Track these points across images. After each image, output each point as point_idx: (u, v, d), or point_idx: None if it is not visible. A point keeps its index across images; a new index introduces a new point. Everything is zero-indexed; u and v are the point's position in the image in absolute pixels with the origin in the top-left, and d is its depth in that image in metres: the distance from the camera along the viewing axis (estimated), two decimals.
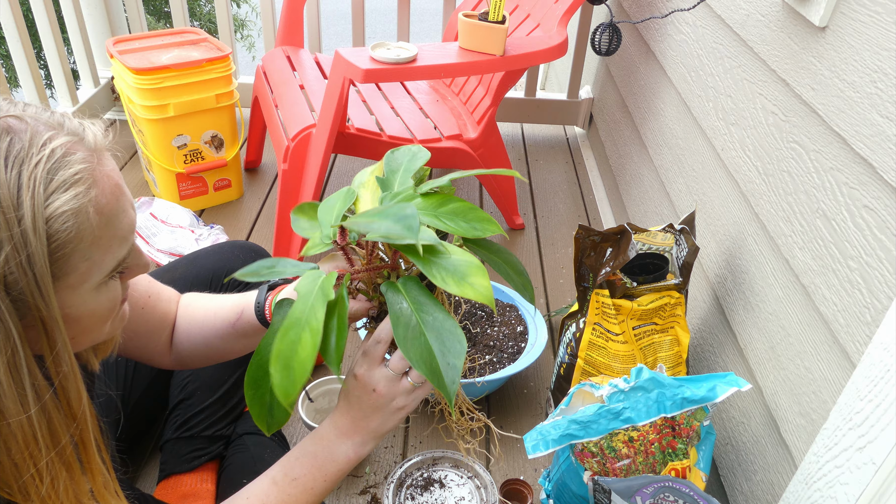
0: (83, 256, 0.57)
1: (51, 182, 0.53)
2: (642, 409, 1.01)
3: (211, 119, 1.86)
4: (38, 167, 0.53)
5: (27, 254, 0.52)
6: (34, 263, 0.52)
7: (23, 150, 0.53)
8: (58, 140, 0.55)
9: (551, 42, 1.60)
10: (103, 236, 0.58)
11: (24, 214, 0.51)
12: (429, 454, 1.23)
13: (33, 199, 0.52)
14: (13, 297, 0.53)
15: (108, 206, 0.58)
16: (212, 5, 7.47)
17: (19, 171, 0.52)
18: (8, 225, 0.51)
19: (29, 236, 0.52)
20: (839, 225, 0.91)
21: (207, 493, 1.13)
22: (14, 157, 0.52)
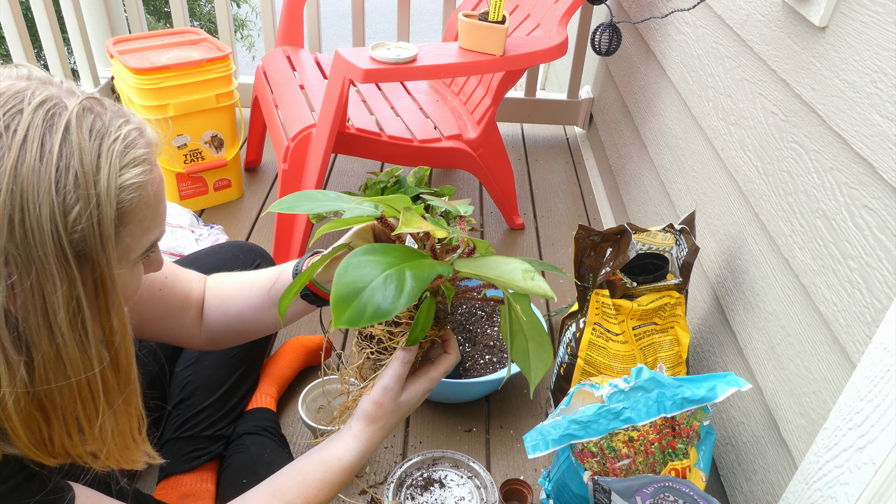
0: (132, 231, 0.63)
1: (125, 155, 0.61)
2: (642, 409, 1.01)
3: (211, 119, 1.86)
4: (116, 142, 0.60)
5: (99, 214, 0.58)
6: (103, 223, 0.59)
7: (103, 126, 0.60)
8: (130, 125, 0.63)
9: (551, 42, 1.60)
10: (148, 216, 0.65)
11: (100, 179, 0.58)
12: (429, 454, 1.23)
13: (110, 168, 0.59)
14: (77, 253, 0.58)
15: (158, 190, 0.66)
16: (212, 5, 7.47)
17: (100, 143, 0.59)
18: (86, 185, 0.57)
19: (102, 198, 0.58)
20: (839, 225, 0.91)
21: (207, 492, 1.13)
22: (97, 132, 0.59)
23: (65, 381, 0.60)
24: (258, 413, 1.26)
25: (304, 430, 1.33)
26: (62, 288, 0.57)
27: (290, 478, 0.81)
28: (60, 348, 0.59)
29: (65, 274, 0.57)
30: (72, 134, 0.57)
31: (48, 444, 0.63)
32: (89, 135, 0.59)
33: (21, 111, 0.56)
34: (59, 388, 0.60)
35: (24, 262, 0.55)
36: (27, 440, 0.61)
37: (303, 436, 1.32)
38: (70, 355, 0.60)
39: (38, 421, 0.61)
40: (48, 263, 0.56)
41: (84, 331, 0.60)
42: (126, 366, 0.67)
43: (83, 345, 0.60)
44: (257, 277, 0.98)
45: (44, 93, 0.58)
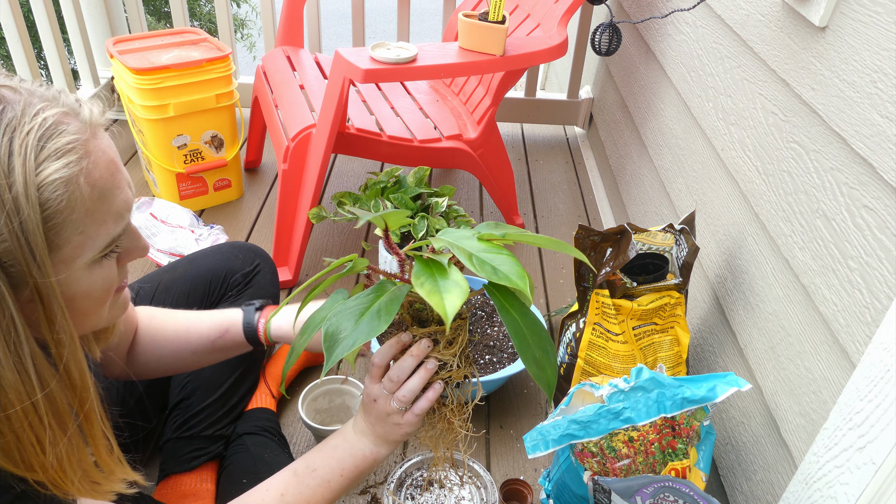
0: (76, 229, 0.57)
1: (42, 149, 0.53)
2: (642, 409, 1.01)
3: (211, 119, 1.86)
4: (29, 135, 0.53)
5: (19, 220, 0.51)
6: (27, 230, 0.52)
7: (15, 118, 0.53)
8: (51, 110, 0.55)
9: (551, 42, 1.60)
10: (97, 210, 0.58)
11: (15, 181, 0.51)
12: (429, 454, 1.23)
13: (24, 166, 0.52)
14: (5, 267, 0.53)
15: (101, 179, 0.58)
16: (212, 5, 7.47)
17: (11, 138, 0.52)
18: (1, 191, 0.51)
19: (21, 202, 0.51)
20: (839, 225, 0.91)
21: (207, 493, 1.13)
22: (6, 125, 0.52)
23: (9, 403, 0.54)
24: (258, 413, 1.26)
25: (304, 430, 1.33)
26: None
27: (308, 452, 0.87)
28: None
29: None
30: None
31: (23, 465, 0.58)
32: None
33: None
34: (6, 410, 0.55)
35: None
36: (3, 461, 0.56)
37: (303, 436, 1.32)
38: (9, 378, 0.54)
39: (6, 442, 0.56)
40: None
41: (20, 352, 0.54)
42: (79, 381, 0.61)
43: (22, 366, 0.55)
44: (198, 323, 0.94)
45: None
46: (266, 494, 0.82)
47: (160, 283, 1.19)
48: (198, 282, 1.20)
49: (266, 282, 1.26)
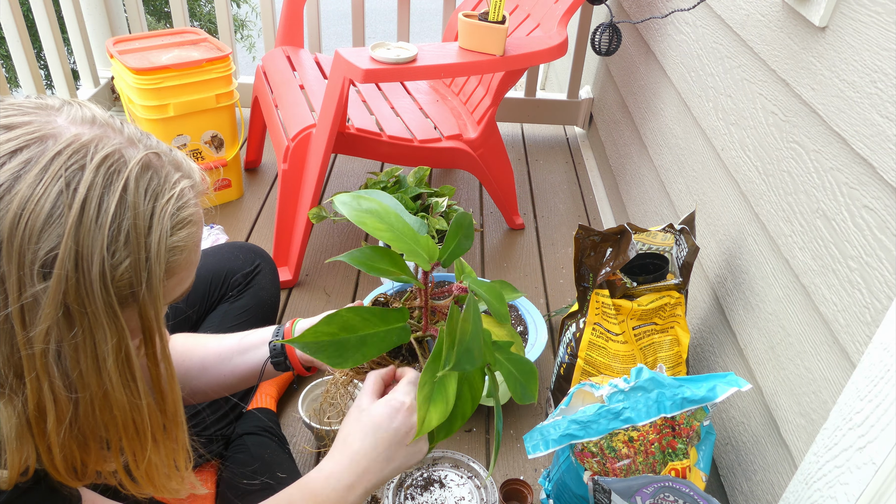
0: (172, 284, 0.65)
1: (176, 217, 0.62)
2: (642, 409, 1.01)
3: (211, 119, 1.86)
4: (168, 203, 0.61)
5: (147, 273, 0.60)
6: (151, 282, 0.60)
7: (158, 185, 0.61)
8: (183, 183, 0.64)
9: (551, 42, 1.60)
10: (190, 269, 0.67)
11: (152, 241, 0.60)
12: (428, 454, 1.23)
13: (161, 231, 0.60)
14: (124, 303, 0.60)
15: (198, 244, 0.67)
16: (212, 5, 7.47)
17: (154, 203, 0.60)
18: (137, 246, 0.59)
19: (152, 257, 0.60)
20: (839, 225, 0.91)
21: (207, 492, 1.13)
22: (152, 191, 0.61)
23: (111, 418, 0.62)
24: (258, 413, 1.26)
25: (304, 430, 1.33)
26: (112, 339, 0.59)
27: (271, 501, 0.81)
28: (108, 392, 0.61)
29: (114, 326, 0.59)
30: (129, 195, 0.58)
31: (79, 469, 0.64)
32: (144, 194, 0.60)
33: (83, 167, 0.56)
34: (106, 424, 0.62)
35: (78, 313, 0.57)
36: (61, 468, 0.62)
37: (303, 436, 1.32)
38: (117, 398, 0.61)
39: (75, 451, 0.62)
40: (98, 315, 0.58)
41: (132, 376, 0.62)
42: (172, 408, 0.69)
43: (130, 388, 0.62)
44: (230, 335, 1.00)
45: (107, 147, 0.58)
46: None
47: None
48: (198, 282, 1.20)
49: (266, 282, 1.26)
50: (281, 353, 0.94)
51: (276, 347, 0.94)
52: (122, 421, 0.63)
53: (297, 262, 1.67)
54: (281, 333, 0.95)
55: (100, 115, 0.61)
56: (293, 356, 0.95)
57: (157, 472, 0.68)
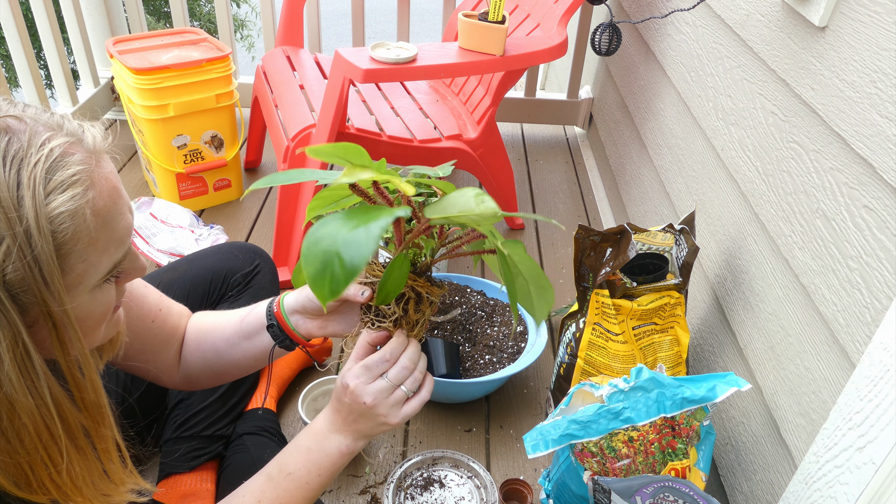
0: (80, 258, 0.57)
1: (49, 181, 0.54)
2: (642, 409, 1.01)
3: (211, 119, 1.86)
4: (36, 167, 0.53)
5: (32, 252, 0.52)
6: (40, 261, 0.53)
7: (21, 149, 0.53)
8: (56, 140, 0.55)
9: (551, 42, 1.60)
10: (100, 238, 0.58)
11: (25, 214, 0.52)
12: (429, 454, 1.23)
13: (34, 199, 0.52)
14: (14, 295, 0.53)
15: (104, 208, 0.58)
16: (212, 5, 7.47)
17: (18, 170, 0.52)
18: (10, 224, 0.51)
19: (33, 234, 0.52)
20: (839, 225, 0.91)
21: (207, 492, 1.13)
22: (13, 157, 0.52)
23: (22, 426, 0.56)
24: (258, 413, 1.26)
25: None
26: (5, 337, 0.53)
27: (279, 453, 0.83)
28: (11, 396, 0.54)
29: (5, 320, 0.53)
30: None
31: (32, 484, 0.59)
32: (3, 162, 0.52)
33: None
34: (18, 432, 0.56)
35: None
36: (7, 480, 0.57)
37: None
38: (22, 402, 0.55)
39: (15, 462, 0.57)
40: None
41: (35, 376, 0.55)
42: (94, 401, 0.62)
43: (36, 390, 0.56)
44: (233, 312, 0.97)
45: None
46: (242, 500, 0.80)
47: (160, 282, 1.19)
48: (198, 282, 1.21)
49: (266, 282, 1.26)
50: (281, 334, 0.92)
51: (277, 333, 0.92)
52: (33, 427, 0.56)
53: (297, 262, 1.67)
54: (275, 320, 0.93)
55: None
56: (292, 333, 0.92)
57: (84, 481, 0.61)
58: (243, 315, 0.95)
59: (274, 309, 0.92)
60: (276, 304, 0.92)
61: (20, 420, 0.55)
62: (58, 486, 0.60)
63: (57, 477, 0.59)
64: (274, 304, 0.92)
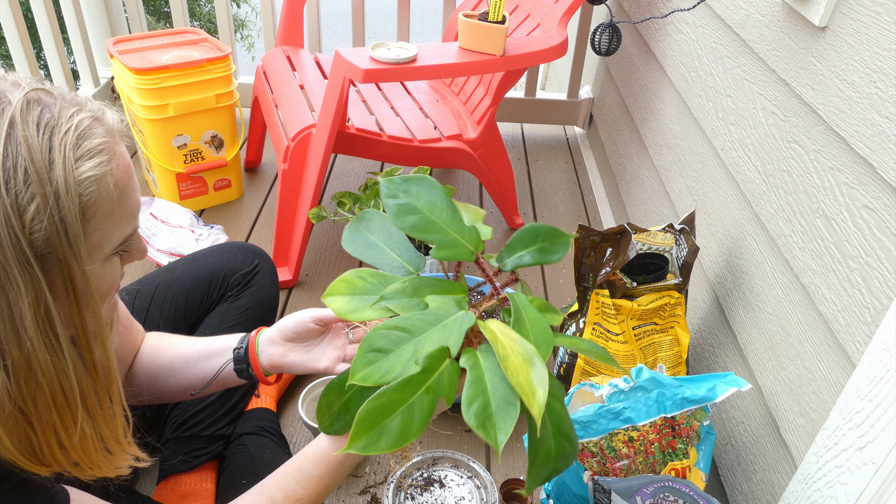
0: (98, 226, 0.60)
1: (78, 148, 0.58)
2: (642, 409, 1.01)
3: (211, 119, 1.86)
4: (67, 134, 0.57)
5: (59, 212, 0.55)
6: (66, 221, 0.56)
7: (52, 118, 0.57)
8: (83, 114, 0.60)
9: (551, 42, 1.60)
10: (116, 209, 0.62)
11: (56, 176, 0.55)
12: (429, 454, 1.23)
13: (64, 162, 0.56)
14: (39, 255, 0.56)
15: (122, 180, 0.62)
16: (212, 5, 7.47)
17: (50, 136, 0.56)
18: (41, 184, 0.55)
19: (61, 194, 0.55)
20: (839, 225, 0.91)
21: (207, 492, 1.13)
22: (45, 124, 0.56)
23: (37, 387, 0.58)
24: (258, 413, 1.26)
25: (304, 430, 1.33)
26: (28, 294, 0.55)
27: (274, 474, 0.81)
28: (30, 354, 0.56)
29: (28, 278, 0.55)
30: (17, 129, 0.54)
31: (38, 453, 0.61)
32: (37, 129, 0.56)
33: None
34: (33, 394, 0.58)
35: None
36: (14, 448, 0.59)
37: (303, 436, 1.32)
38: (41, 360, 0.57)
39: (24, 429, 0.59)
40: (9, 268, 0.54)
41: (54, 335, 0.58)
42: (106, 367, 0.64)
43: (53, 349, 0.58)
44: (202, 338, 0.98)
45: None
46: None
47: (160, 282, 1.19)
48: (197, 282, 1.21)
49: (265, 282, 1.26)
50: (244, 360, 0.93)
51: (240, 355, 0.92)
52: (49, 389, 0.59)
53: (297, 262, 1.67)
54: (245, 342, 0.94)
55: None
56: (255, 365, 0.93)
57: (93, 447, 0.64)
58: (214, 339, 0.96)
59: (251, 334, 0.94)
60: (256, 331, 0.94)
61: (36, 381, 0.58)
62: (66, 450, 0.62)
63: (67, 441, 0.61)
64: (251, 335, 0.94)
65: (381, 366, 0.62)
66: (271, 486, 0.80)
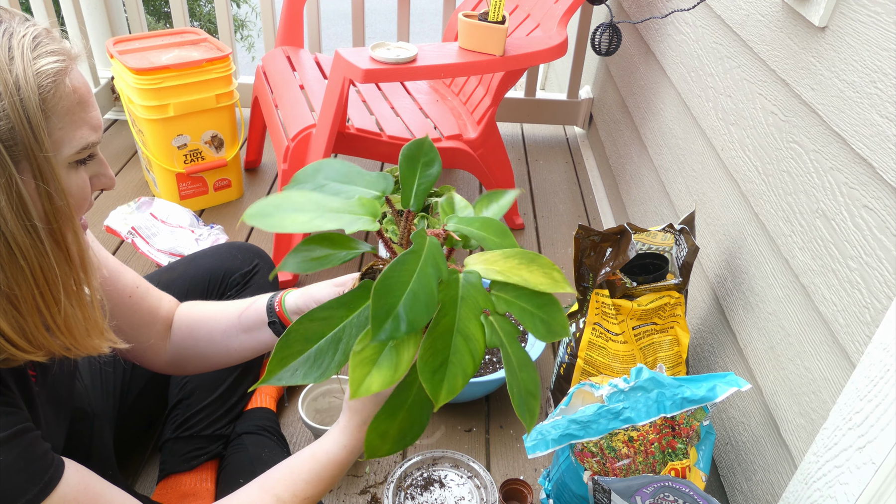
0: (57, 124, 0.63)
1: (36, 47, 0.62)
2: (642, 408, 1.01)
3: (211, 119, 1.86)
4: (24, 37, 0.62)
5: (20, 100, 0.60)
6: (27, 109, 0.60)
7: (10, 27, 0.62)
8: (40, 27, 0.65)
9: (551, 42, 1.60)
10: (76, 111, 0.65)
11: (15, 67, 0.60)
12: (429, 454, 1.23)
13: (23, 57, 0.61)
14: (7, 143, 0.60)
15: (80, 88, 0.66)
16: (212, 5, 7.47)
17: (10, 38, 0.61)
18: (1, 73, 0.59)
19: (21, 83, 0.60)
20: (839, 225, 0.91)
21: (207, 492, 1.13)
22: (3, 31, 0.61)
23: (19, 270, 0.62)
24: (258, 413, 1.26)
25: (304, 430, 1.33)
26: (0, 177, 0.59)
27: (279, 472, 0.81)
28: (8, 237, 0.61)
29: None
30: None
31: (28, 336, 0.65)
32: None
33: None
34: (16, 277, 0.62)
35: None
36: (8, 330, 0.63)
37: (303, 436, 1.32)
38: (20, 243, 0.62)
39: (11, 312, 0.63)
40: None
41: (28, 218, 0.62)
42: (79, 252, 0.68)
43: (29, 232, 0.62)
44: (231, 304, 0.99)
45: None
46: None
47: (159, 282, 1.19)
48: (197, 282, 1.21)
49: (265, 281, 1.26)
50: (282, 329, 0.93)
51: (279, 330, 0.93)
52: (30, 271, 0.63)
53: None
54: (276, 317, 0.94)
55: None
56: None
57: (76, 325, 0.69)
58: (241, 309, 0.96)
59: (276, 307, 0.93)
60: (278, 302, 0.93)
61: (17, 264, 0.62)
62: (51, 329, 0.67)
63: (51, 322, 0.66)
64: (275, 302, 0.93)
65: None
66: (277, 484, 0.80)
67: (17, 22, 0.64)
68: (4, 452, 0.63)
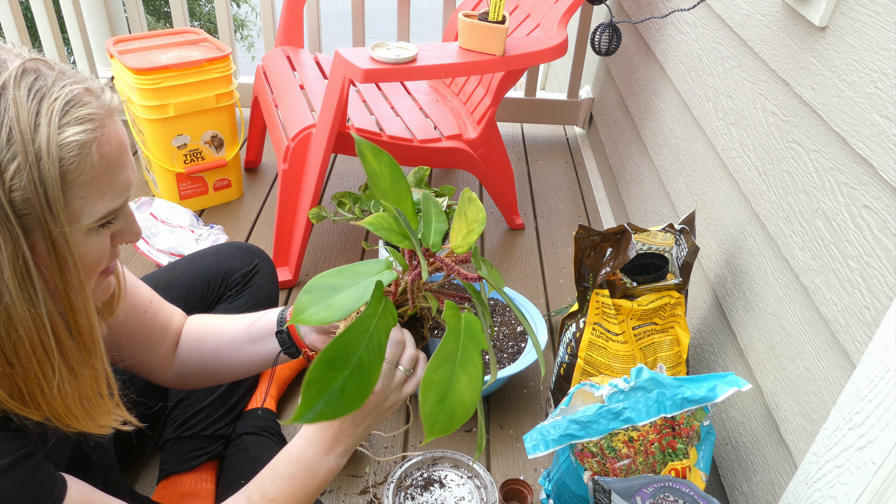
0: (79, 193, 0.62)
1: (65, 114, 0.60)
2: (642, 409, 1.01)
3: (211, 119, 1.86)
4: (56, 101, 0.60)
5: (39, 172, 0.58)
6: (45, 182, 0.58)
7: (45, 86, 0.60)
8: (77, 86, 0.62)
9: (551, 42, 1.60)
10: (101, 180, 0.63)
11: (39, 138, 0.58)
12: (429, 454, 1.23)
13: (49, 126, 0.58)
14: (20, 216, 0.58)
15: (110, 153, 0.63)
16: (212, 5, 7.47)
17: (39, 102, 0.59)
18: (23, 144, 0.57)
19: (42, 156, 0.58)
20: (839, 225, 0.91)
21: (207, 492, 1.13)
22: (36, 91, 0.59)
23: (18, 338, 0.61)
24: (258, 413, 1.26)
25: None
26: (6, 248, 0.58)
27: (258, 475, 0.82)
28: (9, 307, 0.60)
29: (7, 233, 0.58)
30: (8, 91, 0.57)
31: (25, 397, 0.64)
32: (28, 93, 0.58)
33: None
34: (14, 344, 0.61)
35: None
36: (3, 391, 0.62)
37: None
38: (20, 314, 0.60)
39: (10, 374, 0.62)
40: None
41: (33, 290, 0.61)
42: (87, 328, 0.67)
43: (32, 303, 0.61)
44: (240, 316, 0.99)
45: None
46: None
47: (158, 283, 1.19)
48: (197, 282, 1.21)
49: (265, 282, 1.26)
50: (289, 341, 0.94)
51: (285, 340, 0.94)
52: (28, 341, 0.62)
53: (297, 262, 1.67)
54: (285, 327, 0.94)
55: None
56: (300, 342, 0.94)
57: (73, 400, 0.67)
58: (252, 320, 0.96)
59: (286, 318, 0.94)
60: (289, 313, 0.94)
61: (17, 333, 0.61)
62: (48, 401, 0.65)
63: (48, 392, 0.65)
64: (286, 313, 0.94)
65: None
66: (251, 485, 0.81)
67: (55, 78, 0.61)
68: (9, 478, 0.63)
